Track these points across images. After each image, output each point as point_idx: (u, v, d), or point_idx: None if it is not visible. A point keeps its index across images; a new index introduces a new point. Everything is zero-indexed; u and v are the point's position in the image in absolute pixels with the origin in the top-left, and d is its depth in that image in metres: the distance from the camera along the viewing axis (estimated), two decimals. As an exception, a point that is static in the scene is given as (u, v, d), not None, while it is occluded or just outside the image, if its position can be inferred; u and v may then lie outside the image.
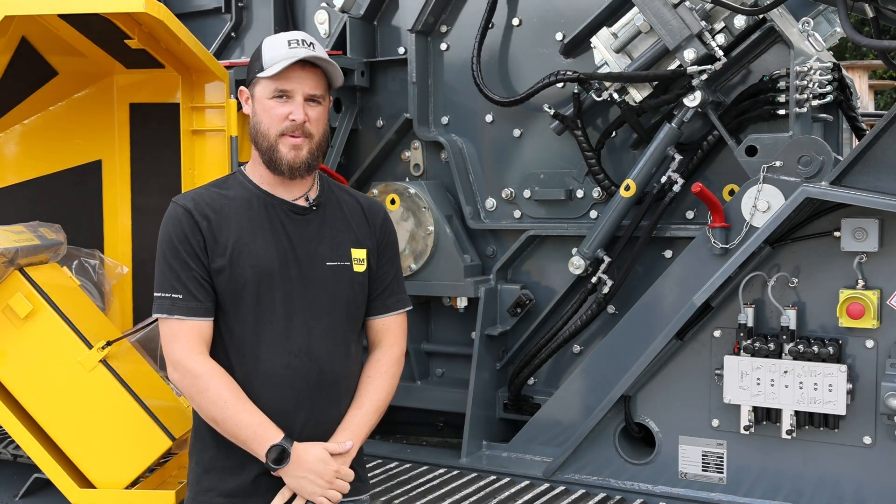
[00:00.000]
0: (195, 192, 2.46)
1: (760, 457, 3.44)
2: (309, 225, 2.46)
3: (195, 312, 2.34)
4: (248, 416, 2.31)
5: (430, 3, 4.20)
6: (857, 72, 10.13)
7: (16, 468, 4.15)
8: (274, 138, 2.39)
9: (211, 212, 2.38)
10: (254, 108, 2.45)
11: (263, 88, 2.40)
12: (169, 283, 2.34)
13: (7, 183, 4.00)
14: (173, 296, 2.33)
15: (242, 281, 2.36)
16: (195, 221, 2.36)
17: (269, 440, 2.30)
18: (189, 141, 3.73)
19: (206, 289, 2.36)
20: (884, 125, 3.18)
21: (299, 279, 2.41)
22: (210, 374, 2.32)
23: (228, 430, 2.32)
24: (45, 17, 3.41)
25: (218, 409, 2.30)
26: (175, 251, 2.35)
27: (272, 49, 2.41)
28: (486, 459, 3.98)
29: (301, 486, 2.32)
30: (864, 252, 3.23)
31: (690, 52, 3.44)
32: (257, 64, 2.42)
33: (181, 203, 2.40)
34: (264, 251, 2.38)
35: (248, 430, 2.30)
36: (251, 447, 2.31)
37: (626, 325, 3.68)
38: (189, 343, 2.34)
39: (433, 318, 4.46)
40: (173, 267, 2.34)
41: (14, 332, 3.26)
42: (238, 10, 4.73)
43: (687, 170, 3.72)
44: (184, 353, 2.33)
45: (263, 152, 2.42)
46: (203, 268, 2.35)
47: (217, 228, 2.37)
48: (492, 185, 4.24)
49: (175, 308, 2.33)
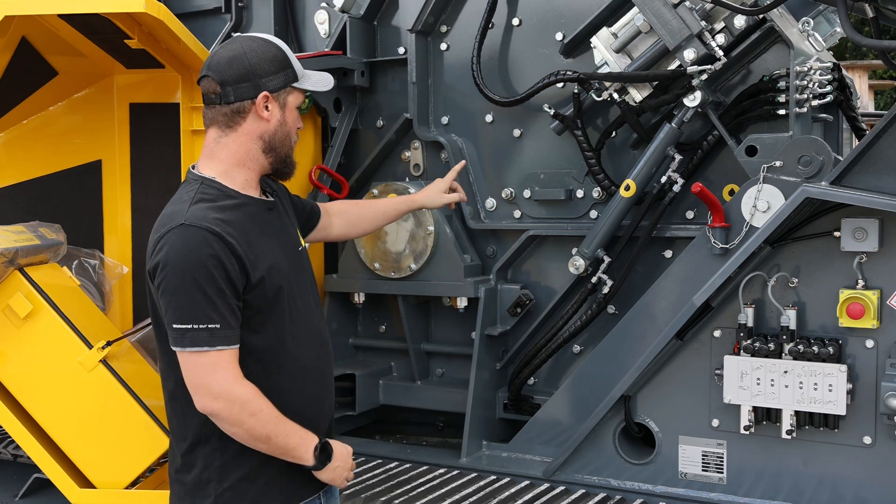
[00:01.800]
0: (198, 211, 2.32)
1: (760, 457, 3.44)
2: (279, 218, 2.55)
3: (232, 341, 2.30)
4: (292, 425, 2.39)
5: (430, 3, 4.20)
6: (857, 72, 10.13)
7: (16, 468, 4.15)
8: (292, 146, 2.51)
9: (231, 228, 2.32)
10: (283, 117, 2.45)
11: (297, 99, 2.48)
12: (204, 313, 2.24)
13: (7, 183, 4.01)
14: (210, 326, 2.24)
15: (276, 287, 2.39)
16: (226, 243, 2.28)
17: (313, 441, 2.42)
18: (189, 141, 3.74)
19: (238, 315, 2.32)
20: (884, 125, 3.18)
21: (297, 271, 2.49)
22: (257, 395, 2.33)
23: (280, 443, 2.36)
24: (45, 17, 3.41)
25: (272, 426, 2.34)
26: (209, 278, 2.24)
27: (294, 59, 2.48)
28: (486, 459, 3.98)
29: (336, 476, 2.47)
30: (864, 252, 3.23)
31: (690, 52, 3.44)
32: (290, 72, 2.43)
33: (202, 226, 2.27)
34: (276, 253, 2.44)
35: (295, 437, 2.39)
36: (299, 452, 2.39)
37: (626, 324, 3.68)
38: (232, 371, 2.30)
39: (433, 318, 4.46)
40: (209, 295, 2.24)
41: (14, 332, 3.26)
42: (238, 10, 4.73)
43: (687, 170, 3.72)
44: (230, 382, 2.29)
45: (280, 160, 2.49)
46: (236, 293, 2.30)
47: (243, 244, 2.33)
48: (492, 185, 4.24)
49: (215, 339, 2.26)
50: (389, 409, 4.55)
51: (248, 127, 2.43)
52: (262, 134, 2.44)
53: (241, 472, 2.40)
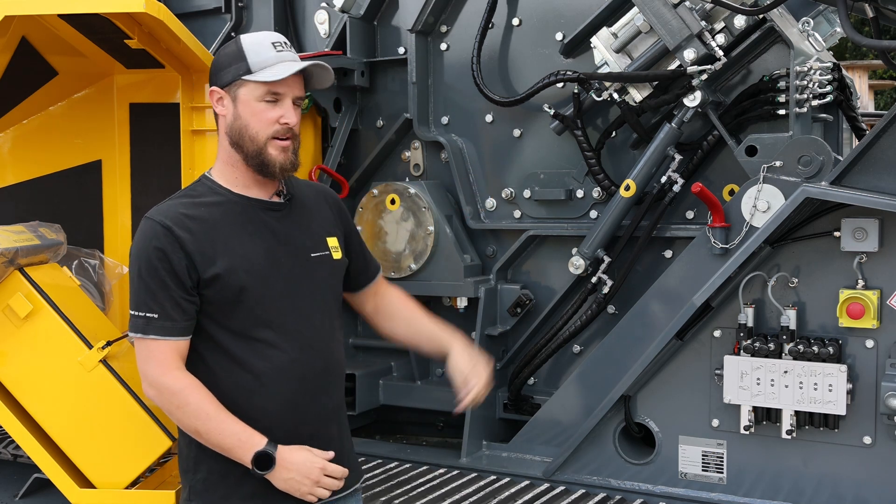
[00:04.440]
0: (168, 205, 2.39)
1: (760, 457, 3.44)
2: (287, 220, 2.48)
3: (170, 332, 2.31)
4: (230, 425, 2.31)
5: (430, 3, 4.20)
6: (857, 72, 10.12)
7: (16, 468, 4.15)
8: (263, 142, 2.38)
9: (192, 223, 2.34)
10: (236, 111, 2.41)
11: (252, 91, 2.38)
12: (144, 302, 2.31)
13: (7, 183, 4.01)
14: (148, 315, 2.30)
15: (238, 287, 2.34)
16: (175, 237, 2.30)
17: (253, 446, 2.30)
18: (189, 141, 3.74)
19: (183, 308, 2.32)
20: (884, 125, 3.18)
21: (291, 275, 2.42)
22: (190, 389, 2.31)
23: (212, 441, 2.31)
24: (45, 17, 3.41)
25: (201, 422, 2.30)
26: (152, 270, 2.30)
27: (258, 52, 2.39)
28: (486, 459, 3.98)
29: (290, 487, 2.33)
30: (864, 252, 3.23)
31: (690, 52, 3.44)
32: (241, 65, 2.38)
33: (157, 219, 2.33)
34: (254, 253, 2.38)
35: (231, 438, 2.30)
36: (237, 454, 2.31)
37: (626, 324, 3.68)
38: (165, 361, 2.32)
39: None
40: (150, 286, 2.30)
41: (14, 332, 3.26)
42: (238, 10, 4.73)
43: (687, 170, 3.72)
44: (159, 371, 2.31)
45: (251, 156, 2.40)
46: (182, 287, 2.31)
47: (202, 240, 2.33)
48: (492, 185, 4.24)
49: (150, 328, 2.30)
50: (389, 409, 4.55)
51: (220, 124, 2.49)
52: (226, 129, 2.45)
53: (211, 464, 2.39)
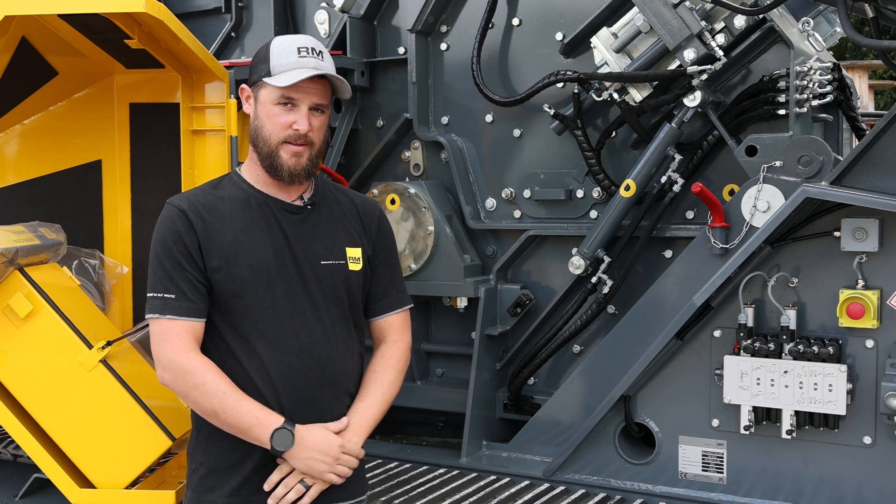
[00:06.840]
0: (190, 192, 2.46)
1: (760, 457, 3.44)
2: (304, 224, 2.46)
3: (187, 313, 2.34)
4: (247, 403, 2.31)
5: (430, 3, 4.20)
6: (857, 72, 10.13)
7: (16, 468, 4.15)
8: (275, 145, 2.39)
9: (206, 212, 2.38)
10: (256, 111, 2.44)
11: (269, 93, 2.39)
12: (161, 283, 2.34)
13: (7, 183, 4.00)
14: (165, 296, 2.33)
15: (240, 280, 2.35)
16: (189, 222, 2.35)
17: (271, 424, 2.30)
18: (189, 141, 3.73)
19: (200, 290, 2.35)
20: (884, 125, 3.18)
21: (297, 278, 2.41)
22: (205, 368, 2.32)
23: (229, 420, 2.30)
24: (45, 17, 3.41)
25: (217, 401, 2.30)
26: (169, 252, 2.35)
27: (281, 55, 2.40)
28: (486, 459, 3.98)
29: (309, 467, 2.32)
30: (864, 252, 3.23)
31: (690, 52, 3.44)
32: (263, 66, 2.40)
33: (175, 204, 2.40)
34: (261, 250, 2.38)
35: (250, 416, 2.30)
36: (254, 433, 2.30)
37: (626, 325, 3.68)
38: (181, 342, 2.33)
39: (433, 318, 4.46)
40: (166, 268, 2.34)
41: (14, 332, 3.26)
42: (238, 10, 4.73)
43: (687, 170, 3.72)
44: (175, 352, 2.33)
45: (263, 157, 2.42)
46: (197, 269, 2.35)
47: (212, 228, 2.37)
48: (492, 185, 4.24)
49: (167, 308, 2.33)
50: (389, 409, 4.53)
51: None
52: (249, 127, 2.48)
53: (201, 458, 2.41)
